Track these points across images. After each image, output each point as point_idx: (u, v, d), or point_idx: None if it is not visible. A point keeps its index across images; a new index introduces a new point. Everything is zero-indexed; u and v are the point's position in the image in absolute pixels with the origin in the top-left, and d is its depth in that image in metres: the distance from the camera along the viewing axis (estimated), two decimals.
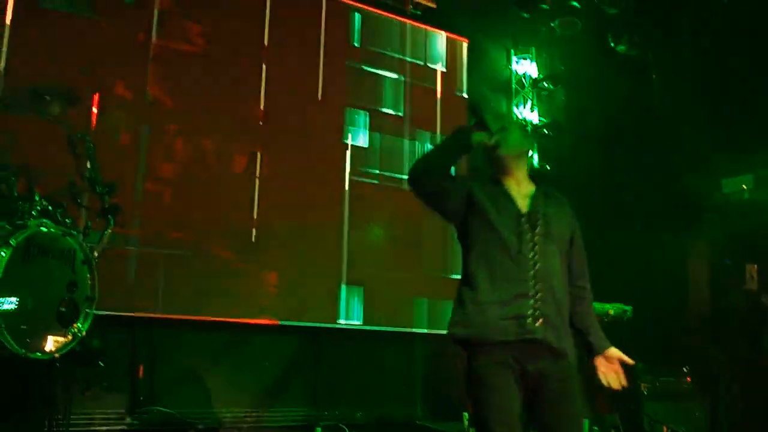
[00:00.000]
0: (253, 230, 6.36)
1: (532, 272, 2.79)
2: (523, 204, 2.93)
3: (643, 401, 5.87)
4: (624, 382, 2.92)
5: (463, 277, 2.92)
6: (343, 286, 6.78)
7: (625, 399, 5.88)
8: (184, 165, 6.15)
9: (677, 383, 6.15)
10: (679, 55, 7.54)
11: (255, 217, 6.38)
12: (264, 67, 6.62)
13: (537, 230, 2.86)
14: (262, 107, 6.58)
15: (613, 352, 2.94)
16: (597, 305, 6.23)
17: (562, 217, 2.98)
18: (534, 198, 2.96)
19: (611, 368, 2.92)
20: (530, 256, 2.81)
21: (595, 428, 5.99)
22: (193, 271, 6.02)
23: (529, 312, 2.75)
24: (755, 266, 6.86)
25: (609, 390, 2.91)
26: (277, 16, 6.76)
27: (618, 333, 6.19)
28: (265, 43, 6.66)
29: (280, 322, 6.36)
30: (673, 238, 7.10)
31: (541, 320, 2.75)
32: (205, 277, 6.06)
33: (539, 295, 2.77)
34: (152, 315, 5.78)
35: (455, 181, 3.00)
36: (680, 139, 7.30)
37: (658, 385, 5.96)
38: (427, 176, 2.90)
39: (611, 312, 6.02)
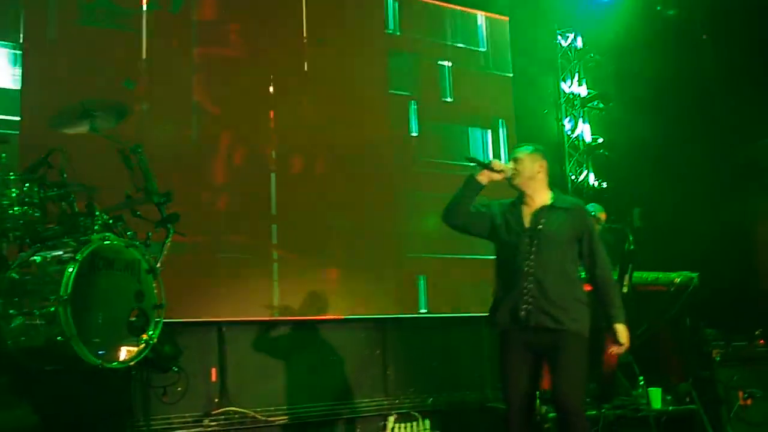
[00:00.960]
0: (312, 228, 6.42)
1: (526, 275, 3.75)
2: (528, 220, 3.85)
3: (716, 368, 5.76)
4: (621, 352, 3.97)
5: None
6: (407, 276, 6.81)
7: (698, 366, 5.78)
8: (235, 169, 6.24)
9: (750, 347, 6.00)
10: (728, 14, 7.31)
11: (313, 215, 6.43)
12: (306, 63, 6.67)
13: (535, 242, 3.77)
14: (305, 103, 6.62)
15: (617, 327, 3.81)
16: (662, 275, 6.16)
17: (563, 224, 3.81)
18: (537, 214, 3.84)
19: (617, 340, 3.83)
20: (526, 263, 3.76)
21: (668, 397, 5.90)
22: (255, 272, 6.13)
23: (522, 306, 3.74)
24: None
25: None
26: (314, 9, 6.78)
27: (686, 300, 6.13)
28: (304, 38, 6.70)
29: (345, 317, 6.42)
30: (737, 202, 6.92)
31: (532, 311, 3.71)
32: (267, 278, 6.17)
33: (531, 292, 3.72)
34: (220, 319, 5.91)
35: (481, 212, 3.97)
36: (738, 100, 7.10)
37: (731, 351, 5.83)
38: (452, 217, 3.97)
39: (677, 280, 5.92)
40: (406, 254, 6.85)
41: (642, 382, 5.94)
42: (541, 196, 3.90)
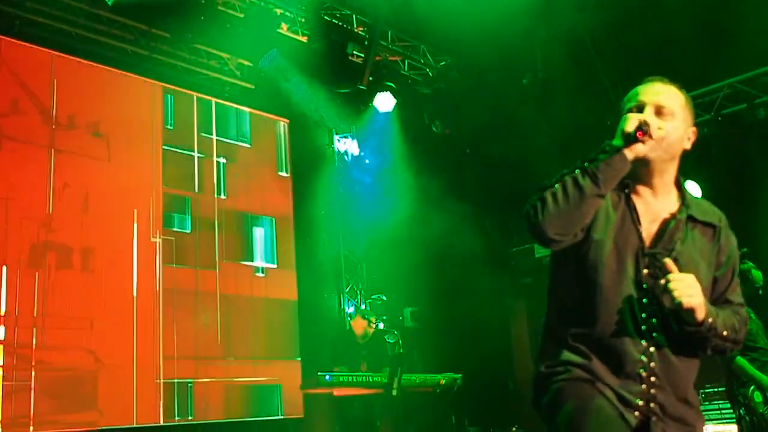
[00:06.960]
0: None
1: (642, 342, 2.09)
2: (648, 233, 2.08)
3: None
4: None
5: None
6: None
7: None
8: None
9: None
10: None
11: None
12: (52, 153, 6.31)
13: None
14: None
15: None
16: (429, 376, 6.32)
17: (703, 251, 2.15)
18: (667, 226, 2.09)
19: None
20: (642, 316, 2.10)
21: None
22: None
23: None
24: None
25: None
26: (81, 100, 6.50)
27: (449, 399, 6.30)
28: (53, 125, 6.32)
29: None
30: (496, 305, 7.31)
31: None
32: None
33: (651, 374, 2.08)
34: None
35: None
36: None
37: None
38: (569, 227, 1.99)
39: (442, 382, 6.09)
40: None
41: None
42: (669, 191, 2.08)
